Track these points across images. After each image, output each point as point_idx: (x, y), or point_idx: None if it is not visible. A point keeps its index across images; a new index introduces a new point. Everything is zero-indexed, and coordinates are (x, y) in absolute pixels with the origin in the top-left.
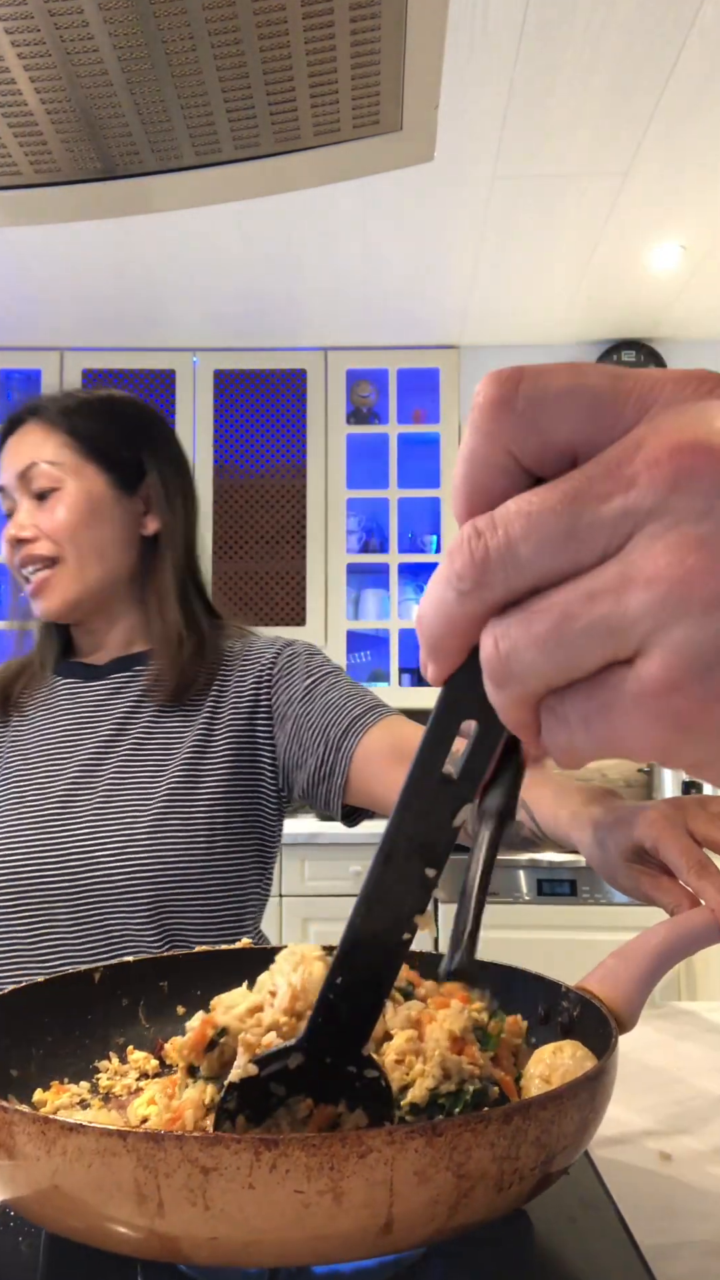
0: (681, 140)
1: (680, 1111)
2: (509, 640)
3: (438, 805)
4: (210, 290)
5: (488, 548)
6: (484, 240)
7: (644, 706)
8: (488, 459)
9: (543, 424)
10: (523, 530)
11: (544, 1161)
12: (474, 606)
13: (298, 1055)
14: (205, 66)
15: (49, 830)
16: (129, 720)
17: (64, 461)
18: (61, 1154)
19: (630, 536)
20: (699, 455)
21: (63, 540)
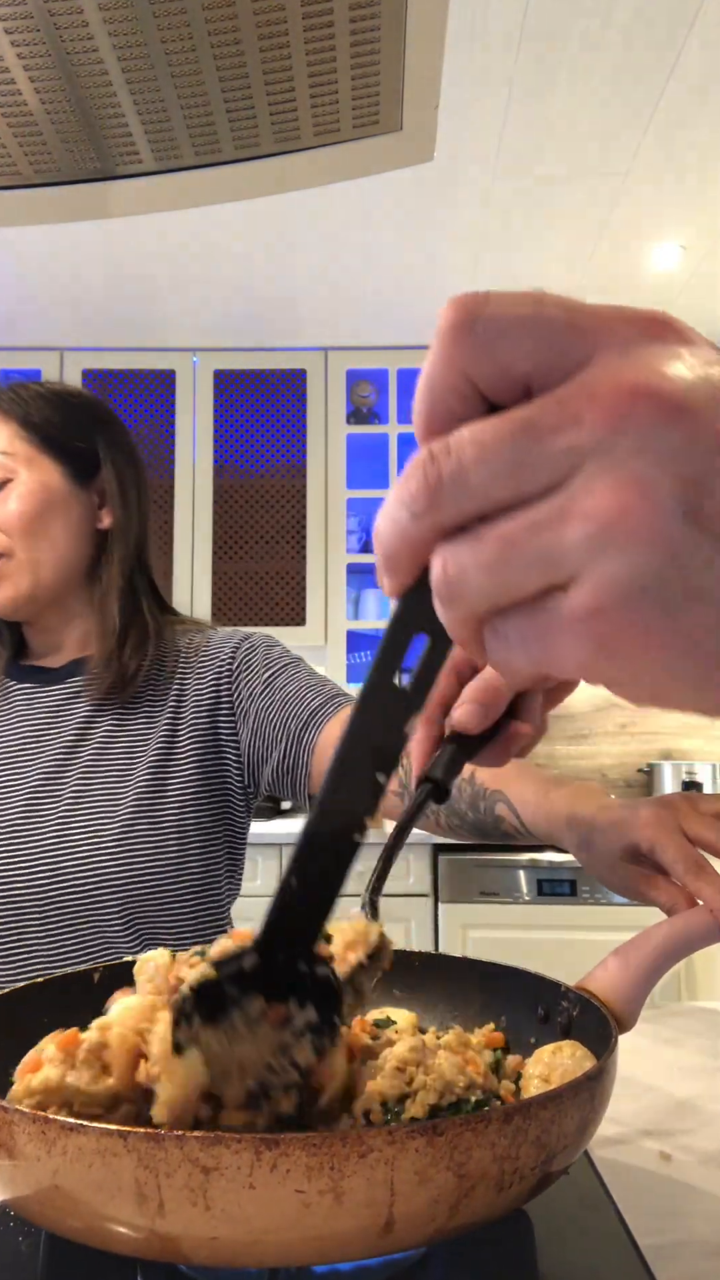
0: (681, 140)
1: (680, 1112)
2: (456, 563)
3: (390, 714)
4: (210, 290)
5: (440, 473)
6: (484, 240)
7: (573, 629)
8: (446, 383)
9: (499, 351)
10: (474, 457)
11: (544, 1161)
12: (425, 528)
13: (252, 956)
14: (205, 66)
15: (14, 840)
16: (89, 725)
17: (16, 452)
18: (62, 1154)
19: (574, 471)
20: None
21: (14, 532)
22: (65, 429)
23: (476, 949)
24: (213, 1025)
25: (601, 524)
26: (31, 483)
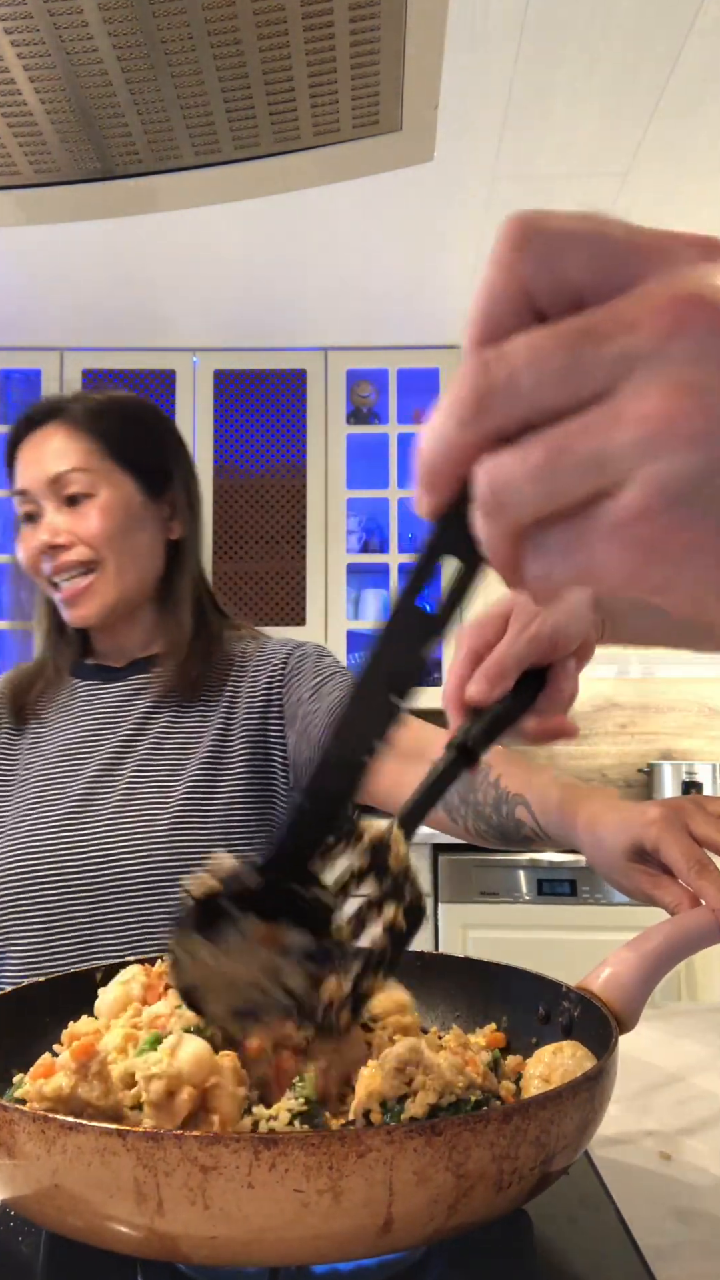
0: (681, 140)
1: (680, 1111)
2: (503, 471)
3: (411, 636)
4: (210, 290)
5: (492, 378)
6: (484, 240)
7: (618, 533)
8: (502, 292)
9: (558, 263)
10: (527, 361)
11: (543, 1161)
12: (473, 435)
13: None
14: (205, 66)
15: (67, 830)
16: (147, 721)
17: (94, 468)
18: (61, 1153)
19: (627, 377)
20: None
21: (100, 546)
22: (139, 444)
23: (476, 949)
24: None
25: (653, 426)
26: (112, 498)
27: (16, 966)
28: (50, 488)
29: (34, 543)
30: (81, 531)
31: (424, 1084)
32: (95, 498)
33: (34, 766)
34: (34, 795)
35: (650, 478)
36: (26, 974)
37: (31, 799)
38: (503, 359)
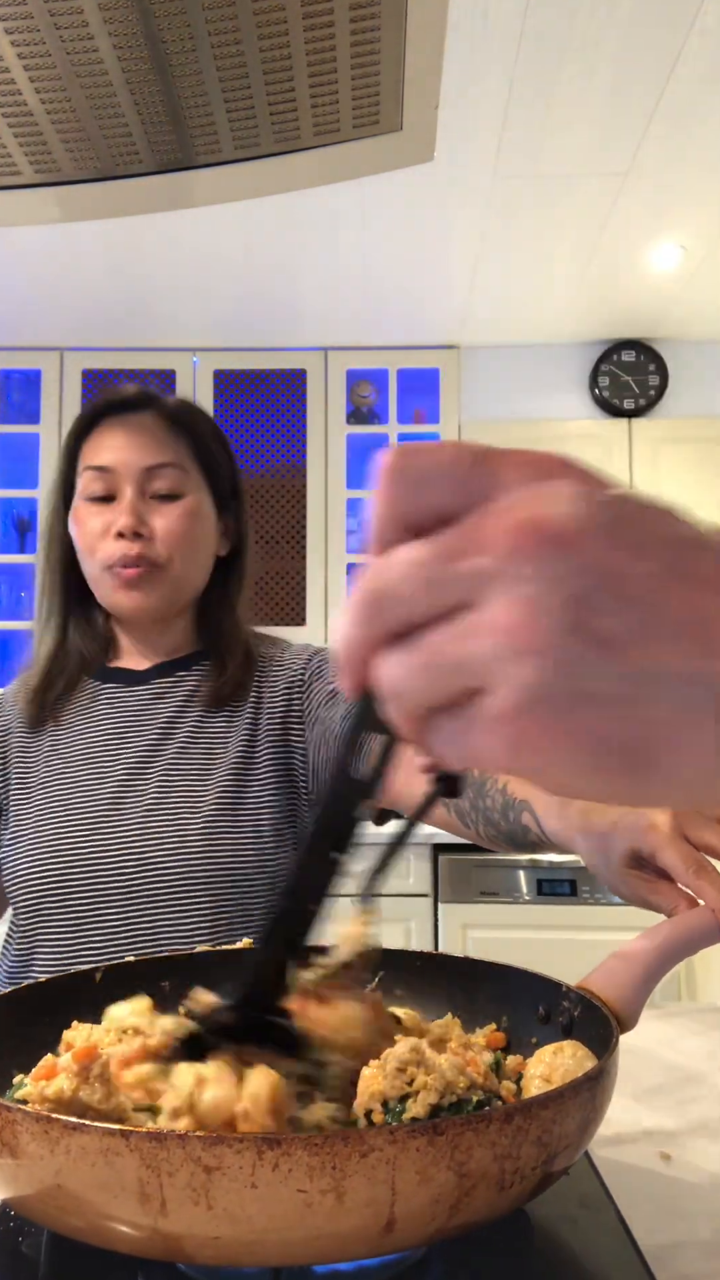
0: (681, 140)
1: (681, 1111)
2: (391, 669)
3: (347, 801)
4: (210, 290)
5: (375, 586)
6: (484, 240)
7: (490, 729)
8: (384, 515)
9: (421, 492)
10: (402, 573)
11: (545, 1161)
12: (368, 633)
13: (228, 1013)
14: (205, 66)
15: (100, 832)
16: (173, 726)
17: (187, 468)
18: (65, 1153)
19: (481, 591)
20: (527, 531)
21: (175, 547)
22: (218, 457)
23: (476, 949)
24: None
25: (504, 638)
26: (196, 503)
27: (44, 969)
28: (142, 475)
29: (108, 523)
30: (162, 528)
31: (425, 1084)
32: (182, 499)
33: (55, 769)
34: (58, 799)
35: (507, 683)
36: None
37: (56, 803)
38: (386, 569)
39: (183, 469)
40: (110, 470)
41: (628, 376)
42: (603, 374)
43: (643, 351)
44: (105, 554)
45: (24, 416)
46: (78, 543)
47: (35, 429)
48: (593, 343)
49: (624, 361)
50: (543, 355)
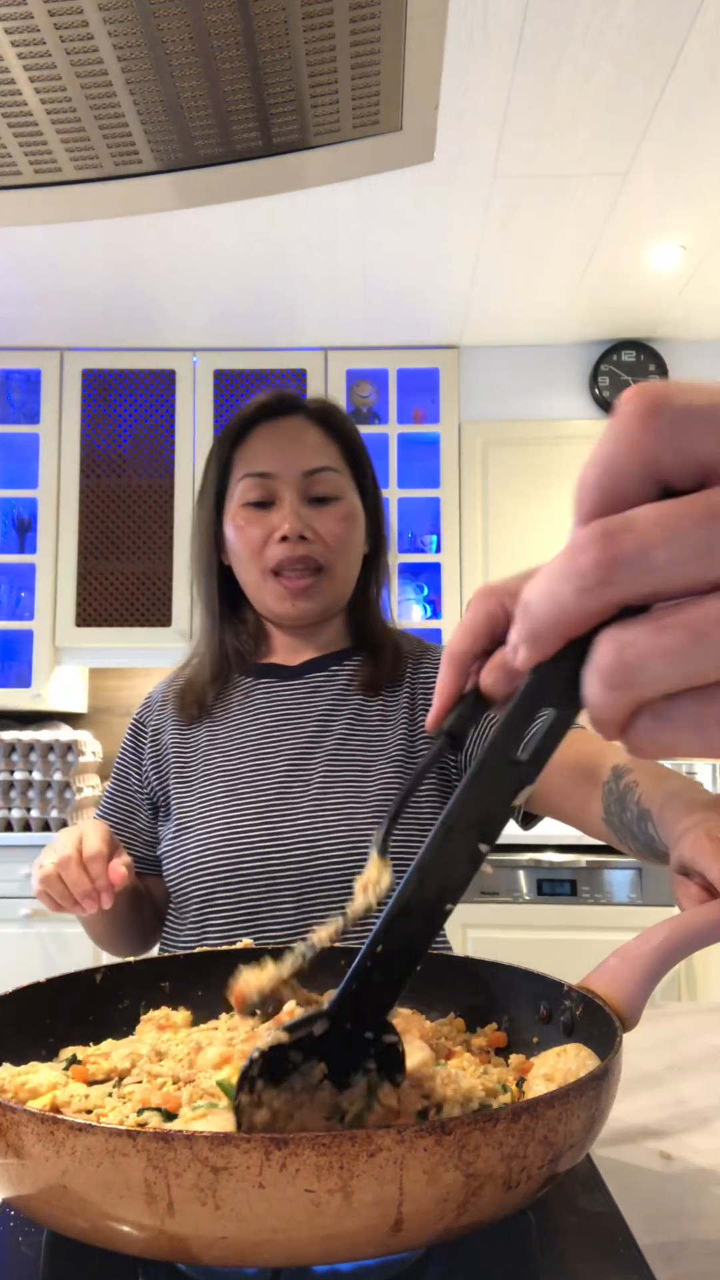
0: (681, 140)
1: (680, 1111)
2: (636, 650)
3: (502, 784)
4: (210, 290)
5: (620, 549)
6: (484, 240)
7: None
8: (625, 465)
9: (685, 439)
10: (660, 539)
11: (551, 1160)
12: (592, 604)
13: (323, 1022)
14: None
15: (269, 821)
16: (332, 715)
17: (342, 471)
18: (70, 1154)
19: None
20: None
21: (336, 551)
22: (364, 460)
23: (476, 949)
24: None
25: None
26: (353, 505)
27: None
28: (302, 479)
29: (269, 528)
30: (325, 531)
31: (445, 1096)
32: (340, 501)
33: (217, 763)
34: (225, 792)
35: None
36: None
37: (223, 795)
38: (631, 531)
39: (338, 471)
40: (270, 476)
41: (628, 376)
42: (603, 374)
43: (643, 351)
44: (269, 559)
45: (24, 416)
46: (237, 549)
47: (35, 429)
48: (593, 343)
49: (624, 361)
50: (543, 355)
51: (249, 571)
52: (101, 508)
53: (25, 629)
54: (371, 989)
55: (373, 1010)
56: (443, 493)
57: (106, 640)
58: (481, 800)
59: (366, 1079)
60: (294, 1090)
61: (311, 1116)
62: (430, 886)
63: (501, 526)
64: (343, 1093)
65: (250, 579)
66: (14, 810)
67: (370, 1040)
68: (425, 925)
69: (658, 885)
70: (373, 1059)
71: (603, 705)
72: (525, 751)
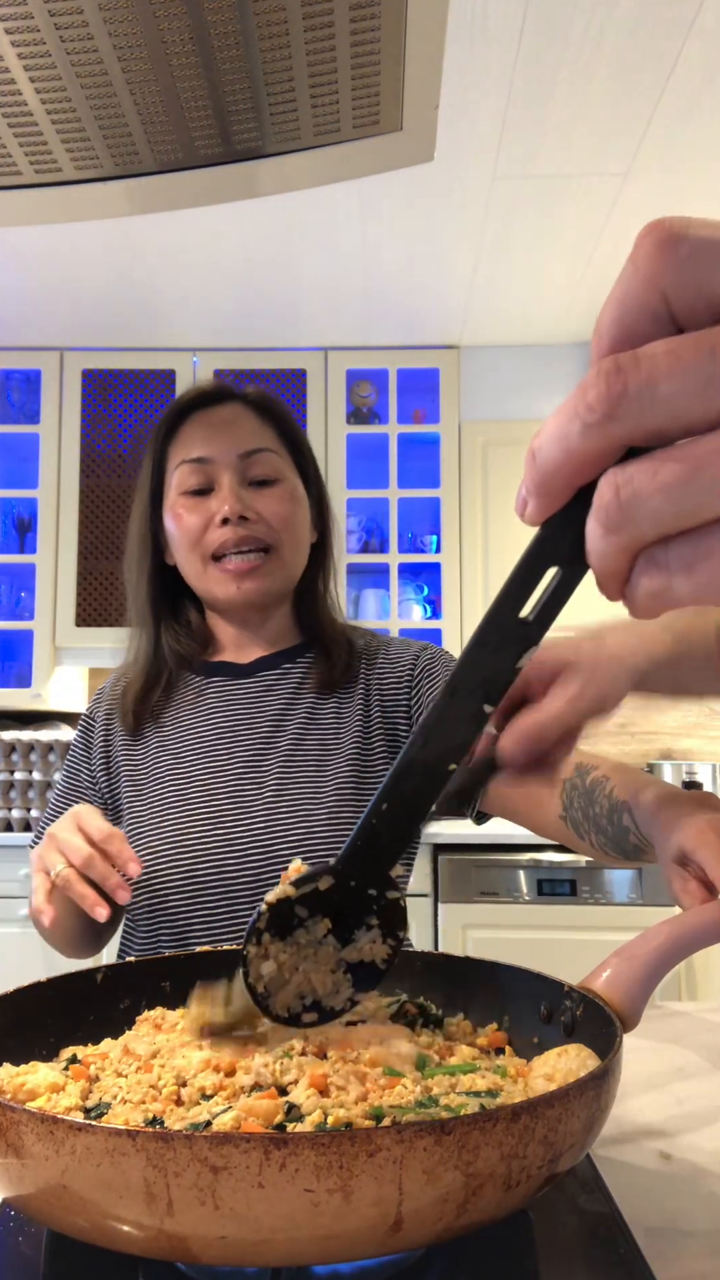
0: (681, 140)
1: (680, 1111)
2: (631, 486)
3: (508, 645)
4: (210, 290)
5: (627, 381)
6: (484, 240)
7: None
8: (641, 299)
9: (702, 273)
10: (667, 369)
11: (551, 1160)
12: (598, 440)
13: (328, 878)
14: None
15: (224, 824)
16: (286, 715)
17: (280, 453)
18: (70, 1153)
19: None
20: None
21: (281, 531)
22: (302, 444)
23: (476, 949)
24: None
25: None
26: (294, 488)
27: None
28: (239, 462)
29: (209, 514)
30: (267, 512)
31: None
32: (281, 483)
33: (168, 765)
34: (176, 795)
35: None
36: None
37: (174, 799)
38: (639, 364)
39: (275, 453)
40: (207, 461)
41: None
42: None
43: None
44: (210, 543)
45: (24, 416)
46: (177, 539)
47: (35, 429)
48: None
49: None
50: (543, 355)
51: (190, 562)
52: (101, 508)
53: (25, 629)
54: (376, 846)
55: (377, 867)
56: (443, 493)
57: (106, 640)
58: (486, 661)
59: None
60: (299, 945)
61: (316, 970)
62: (433, 746)
63: (501, 526)
64: (345, 947)
65: (192, 569)
66: (14, 810)
67: (374, 897)
68: (428, 783)
69: (658, 885)
70: (375, 915)
71: (603, 553)
72: (531, 612)
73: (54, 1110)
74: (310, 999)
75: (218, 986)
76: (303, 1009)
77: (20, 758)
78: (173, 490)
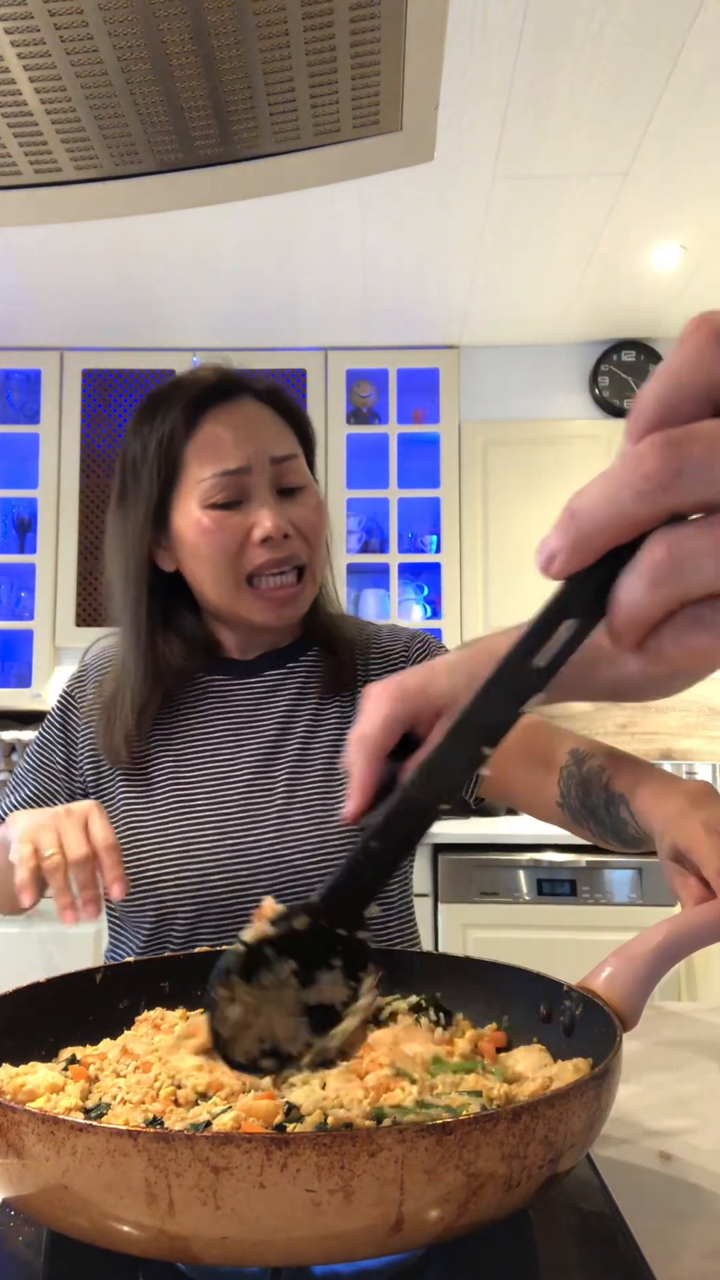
0: (681, 140)
1: (680, 1111)
2: (689, 544)
3: (519, 691)
4: (210, 290)
5: (684, 457)
6: (484, 240)
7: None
8: (691, 383)
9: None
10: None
11: (551, 1160)
12: (648, 508)
13: (304, 918)
14: (205, 67)
15: (235, 831)
16: (292, 718)
17: (302, 457)
18: (71, 1154)
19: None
20: None
21: (314, 544)
22: (314, 441)
23: (476, 949)
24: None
25: None
26: (317, 493)
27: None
28: (273, 470)
29: (245, 530)
30: (303, 525)
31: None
32: (308, 490)
33: (169, 767)
34: (182, 800)
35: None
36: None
37: (179, 804)
38: (697, 440)
39: (300, 457)
40: (242, 471)
41: (628, 376)
42: (603, 374)
43: (643, 351)
44: (248, 564)
45: (24, 416)
46: (204, 556)
47: (35, 429)
48: (593, 343)
49: (624, 361)
50: (543, 355)
51: (219, 581)
52: (101, 508)
53: (25, 629)
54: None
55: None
56: (443, 493)
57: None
58: (494, 704)
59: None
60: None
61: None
62: (432, 786)
63: (501, 526)
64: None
65: (221, 589)
66: None
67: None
68: (419, 823)
69: (658, 885)
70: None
71: (640, 604)
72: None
73: (54, 1111)
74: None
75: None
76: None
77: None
78: (194, 500)
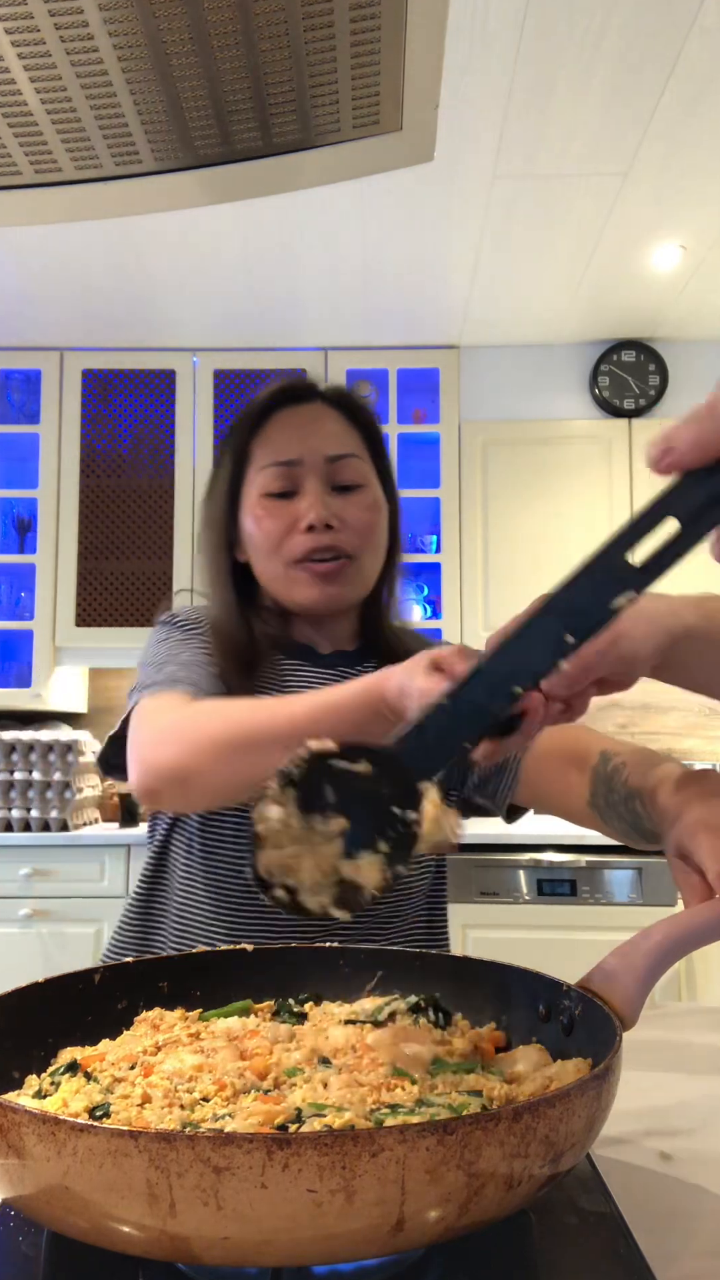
0: (681, 140)
1: (680, 1111)
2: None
3: (609, 583)
4: (210, 290)
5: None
6: (484, 240)
7: None
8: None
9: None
10: None
11: (553, 1159)
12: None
13: (365, 763)
14: (205, 67)
15: None
16: None
17: (365, 459)
18: (72, 1154)
19: None
20: None
21: (363, 539)
22: (384, 451)
23: (476, 949)
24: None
25: None
26: (377, 495)
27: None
28: (326, 467)
29: (292, 517)
30: (352, 519)
31: None
32: (366, 489)
33: None
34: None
35: None
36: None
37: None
38: None
39: (360, 459)
40: (294, 463)
41: (628, 376)
42: (603, 374)
43: (643, 351)
44: (293, 549)
45: (24, 416)
46: (256, 542)
47: (35, 429)
48: (593, 343)
49: (624, 361)
50: (543, 355)
51: (270, 566)
52: (101, 508)
53: (25, 629)
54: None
55: (425, 766)
56: (443, 493)
57: (106, 640)
58: (583, 591)
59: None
60: (312, 828)
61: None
62: (507, 659)
63: (501, 526)
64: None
65: (271, 573)
66: (14, 810)
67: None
68: (488, 695)
69: (658, 885)
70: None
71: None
72: (642, 559)
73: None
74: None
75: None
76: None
77: (20, 758)
78: (254, 491)
